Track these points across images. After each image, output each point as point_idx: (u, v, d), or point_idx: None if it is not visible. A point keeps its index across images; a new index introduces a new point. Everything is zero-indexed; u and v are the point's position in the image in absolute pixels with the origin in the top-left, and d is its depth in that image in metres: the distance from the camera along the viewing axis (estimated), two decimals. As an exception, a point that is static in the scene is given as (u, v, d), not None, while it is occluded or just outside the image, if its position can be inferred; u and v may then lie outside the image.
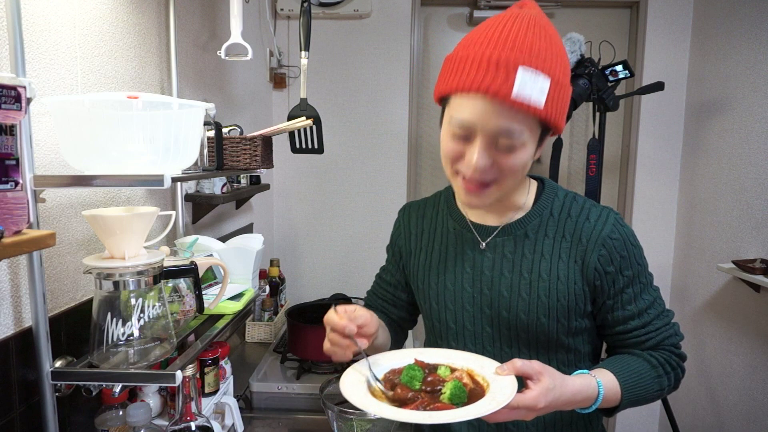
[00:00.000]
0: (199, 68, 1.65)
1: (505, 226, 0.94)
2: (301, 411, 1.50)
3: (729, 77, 2.25)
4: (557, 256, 0.90)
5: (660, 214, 2.65)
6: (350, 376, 0.82)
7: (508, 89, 0.74)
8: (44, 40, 0.95)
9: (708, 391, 2.37)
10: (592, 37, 2.43)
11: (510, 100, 0.75)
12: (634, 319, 0.91)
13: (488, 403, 0.72)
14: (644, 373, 0.89)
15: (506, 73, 0.74)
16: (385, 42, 2.59)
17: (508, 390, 0.74)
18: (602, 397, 0.83)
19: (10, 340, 0.86)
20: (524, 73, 0.74)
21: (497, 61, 0.75)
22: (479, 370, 0.83)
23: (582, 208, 0.92)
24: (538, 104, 0.76)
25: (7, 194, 0.66)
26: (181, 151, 0.88)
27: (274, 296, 2.08)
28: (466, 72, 0.78)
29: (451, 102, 0.83)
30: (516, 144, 0.79)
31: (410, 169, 2.68)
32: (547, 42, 0.78)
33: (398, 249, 1.09)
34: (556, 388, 0.77)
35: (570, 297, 0.89)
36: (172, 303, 1.07)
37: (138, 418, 0.92)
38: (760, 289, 2.00)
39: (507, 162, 0.81)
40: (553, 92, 0.77)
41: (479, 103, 0.77)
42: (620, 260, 0.89)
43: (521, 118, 0.77)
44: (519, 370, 0.77)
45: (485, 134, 0.79)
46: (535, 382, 0.76)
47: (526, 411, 0.74)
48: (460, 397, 0.75)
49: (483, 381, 0.81)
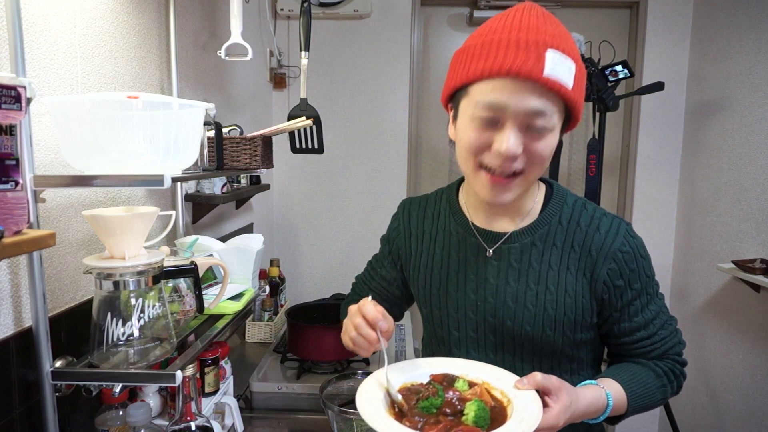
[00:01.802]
0: (199, 68, 1.65)
1: (512, 233, 0.91)
2: (301, 411, 1.50)
3: (729, 77, 2.25)
4: (565, 268, 0.88)
5: (660, 214, 2.65)
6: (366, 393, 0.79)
7: (540, 69, 0.73)
8: (44, 40, 0.95)
9: (708, 391, 2.37)
10: (592, 37, 2.43)
11: (543, 80, 0.73)
12: (640, 330, 0.90)
13: (518, 426, 0.70)
14: (650, 383, 0.89)
15: (537, 54, 0.73)
16: (385, 42, 2.59)
17: (534, 408, 0.73)
18: (611, 409, 0.83)
19: (10, 340, 0.86)
20: (554, 53, 0.74)
21: (526, 42, 0.74)
22: (496, 383, 0.81)
23: (592, 217, 0.89)
24: (567, 85, 0.75)
25: (7, 194, 0.66)
26: (181, 151, 0.88)
27: (274, 296, 2.08)
28: (492, 56, 0.76)
29: (472, 91, 0.79)
30: (547, 126, 0.77)
31: (410, 169, 2.68)
32: (563, 30, 0.79)
33: (396, 248, 1.07)
34: (572, 404, 0.76)
35: (577, 310, 0.88)
36: (172, 303, 1.07)
37: (138, 418, 0.91)
38: (760, 289, 2.00)
39: (537, 147, 0.78)
40: (577, 75, 0.77)
41: (510, 85, 0.75)
42: (630, 273, 0.87)
43: (553, 100, 0.76)
44: (539, 384, 0.76)
45: (517, 116, 0.76)
46: (554, 399, 0.75)
47: (547, 430, 0.73)
48: (484, 419, 0.73)
49: (502, 395, 0.79)
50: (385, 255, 1.11)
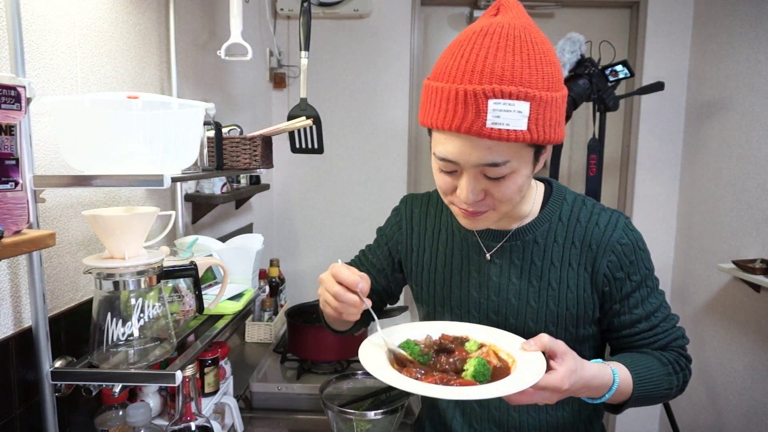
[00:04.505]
0: (199, 68, 1.65)
1: (514, 231, 0.92)
2: (301, 411, 1.50)
3: (729, 77, 2.25)
4: (567, 264, 0.89)
5: (660, 214, 2.65)
6: (370, 345, 0.80)
7: (481, 124, 0.71)
8: (44, 40, 0.95)
9: (708, 391, 2.37)
10: (592, 37, 2.43)
11: (486, 134, 0.71)
12: (641, 322, 0.90)
13: (515, 382, 0.70)
14: (655, 369, 0.87)
15: (476, 107, 0.70)
16: (385, 42, 2.59)
17: (536, 367, 0.71)
18: (616, 387, 0.81)
19: (10, 340, 0.86)
20: (495, 103, 0.70)
21: (465, 95, 0.71)
22: (504, 346, 0.81)
23: (591, 213, 0.90)
24: (517, 130, 0.71)
25: (7, 194, 0.66)
26: (181, 151, 0.88)
27: (274, 296, 2.07)
28: (437, 109, 0.75)
29: (433, 135, 0.81)
30: (504, 173, 0.76)
31: (410, 168, 2.68)
32: (522, 56, 0.72)
33: (396, 243, 1.06)
34: (578, 370, 0.75)
35: (579, 306, 0.89)
36: (172, 303, 1.07)
37: (138, 418, 0.91)
38: (760, 289, 2.00)
39: (499, 190, 0.78)
40: (535, 113, 0.72)
41: (457, 141, 0.74)
42: (629, 265, 0.88)
43: (504, 148, 0.74)
44: (546, 346, 0.75)
45: (469, 169, 0.77)
46: (559, 362, 0.74)
47: (551, 393, 0.72)
48: (483, 375, 0.73)
49: (508, 357, 0.79)
50: (381, 245, 1.09)
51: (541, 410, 0.94)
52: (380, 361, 0.77)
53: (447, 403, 1.02)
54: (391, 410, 1.23)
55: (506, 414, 0.95)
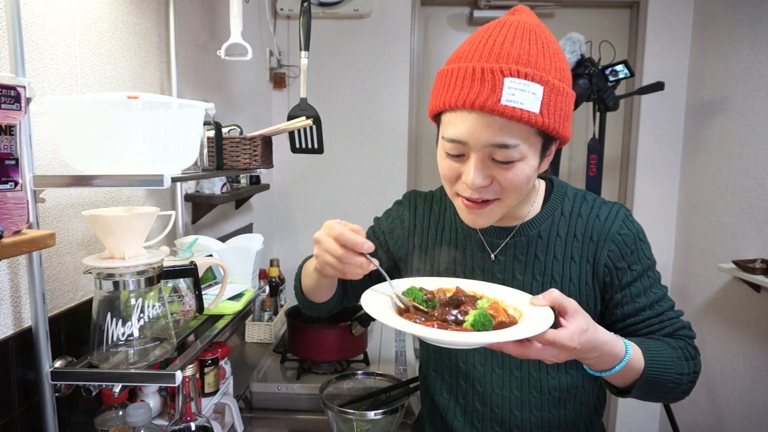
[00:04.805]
0: (199, 68, 1.65)
1: (518, 227, 0.92)
2: (301, 411, 1.50)
3: (729, 77, 2.25)
4: (569, 257, 0.90)
5: (660, 214, 2.65)
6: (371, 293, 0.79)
7: (495, 99, 0.71)
8: (44, 40, 0.95)
9: (708, 391, 2.37)
10: (592, 37, 2.43)
11: (499, 111, 0.71)
12: (645, 310, 0.88)
13: (514, 331, 0.67)
14: (665, 352, 0.83)
15: (492, 83, 0.71)
16: (385, 42, 2.59)
17: (541, 320, 0.68)
18: (629, 358, 0.76)
19: (10, 340, 0.86)
20: (512, 81, 0.71)
21: (482, 71, 0.72)
22: (513, 303, 0.78)
23: (592, 207, 0.92)
24: (531, 111, 0.72)
25: (7, 194, 0.66)
26: (181, 151, 0.88)
27: (274, 296, 2.07)
28: (452, 87, 0.76)
29: (442, 120, 0.81)
30: (513, 157, 0.76)
31: (410, 168, 2.68)
32: (538, 46, 0.75)
33: (396, 237, 1.05)
34: (589, 330, 0.71)
35: (582, 298, 0.89)
36: (172, 303, 1.07)
37: (138, 418, 0.91)
38: (761, 289, 2.00)
39: (506, 177, 0.78)
40: (548, 98, 0.73)
41: (469, 118, 0.74)
42: (630, 255, 0.88)
43: (515, 130, 0.74)
44: (556, 300, 0.72)
45: (478, 150, 0.76)
46: (569, 320, 0.70)
47: (559, 350, 0.69)
48: (483, 325, 0.70)
49: (516, 311, 0.76)
50: (378, 234, 1.07)
51: (543, 409, 0.94)
52: (380, 304, 0.76)
53: (448, 402, 1.02)
54: (391, 410, 1.23)
55: (508, 412, 0.95)
